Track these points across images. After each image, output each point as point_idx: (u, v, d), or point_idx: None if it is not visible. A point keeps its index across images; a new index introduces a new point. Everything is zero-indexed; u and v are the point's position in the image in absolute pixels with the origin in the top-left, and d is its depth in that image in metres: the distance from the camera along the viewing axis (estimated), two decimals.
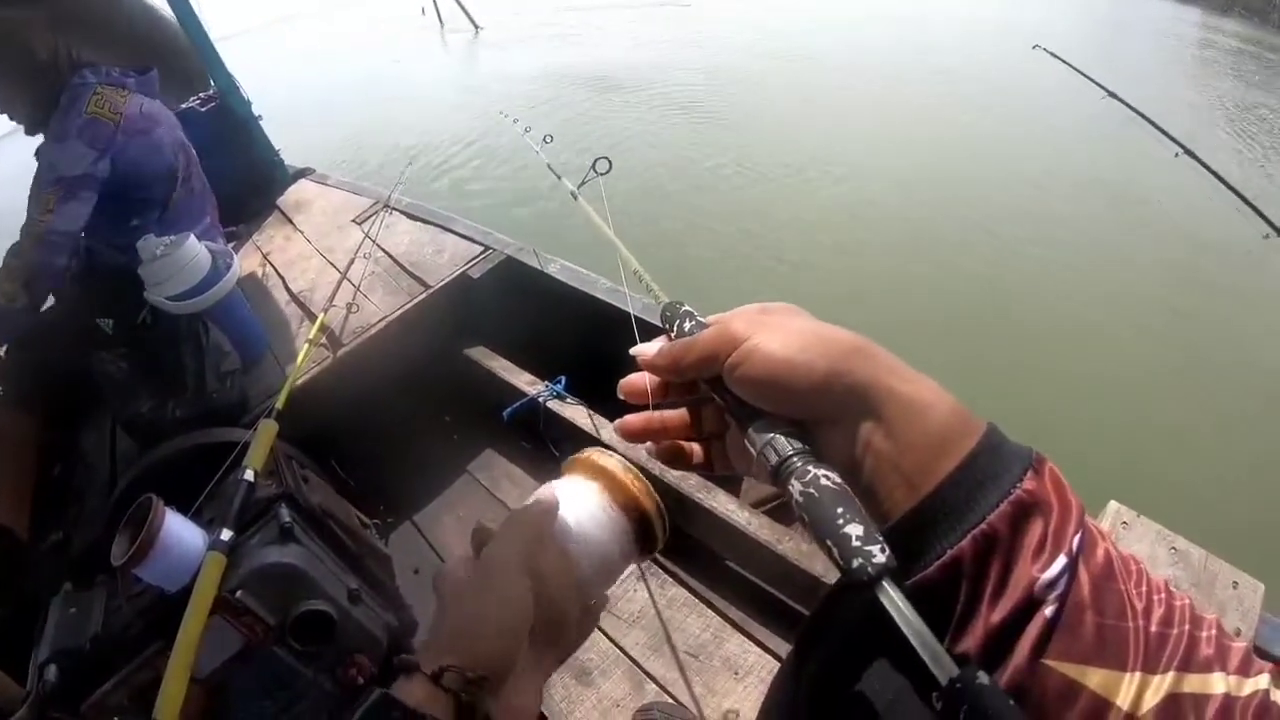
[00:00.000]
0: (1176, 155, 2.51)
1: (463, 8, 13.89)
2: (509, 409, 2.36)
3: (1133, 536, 1.19)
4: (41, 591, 1.69)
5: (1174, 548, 1.16)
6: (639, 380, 0.51)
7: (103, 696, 1.47)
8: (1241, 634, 1.05)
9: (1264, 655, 1.09)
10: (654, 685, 1.72)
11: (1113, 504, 1.26)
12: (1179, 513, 1.44)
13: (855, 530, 0.34)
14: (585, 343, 2.18)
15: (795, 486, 0.37)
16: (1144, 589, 0.34)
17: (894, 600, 0.32)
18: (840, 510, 0.35)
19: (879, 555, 0.33)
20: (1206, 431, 3.65)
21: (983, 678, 0.30)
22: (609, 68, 10.21)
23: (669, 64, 9.96)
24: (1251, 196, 2.31)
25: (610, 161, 0.78)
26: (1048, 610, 0.32)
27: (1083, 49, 9.48)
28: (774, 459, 0.39)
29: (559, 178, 0.94)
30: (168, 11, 3.20)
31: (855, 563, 0.33)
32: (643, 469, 0.59)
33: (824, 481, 0.36)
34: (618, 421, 0.53)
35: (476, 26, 13.94)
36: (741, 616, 1.83)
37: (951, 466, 0.36)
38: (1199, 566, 1.13)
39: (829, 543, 0.35)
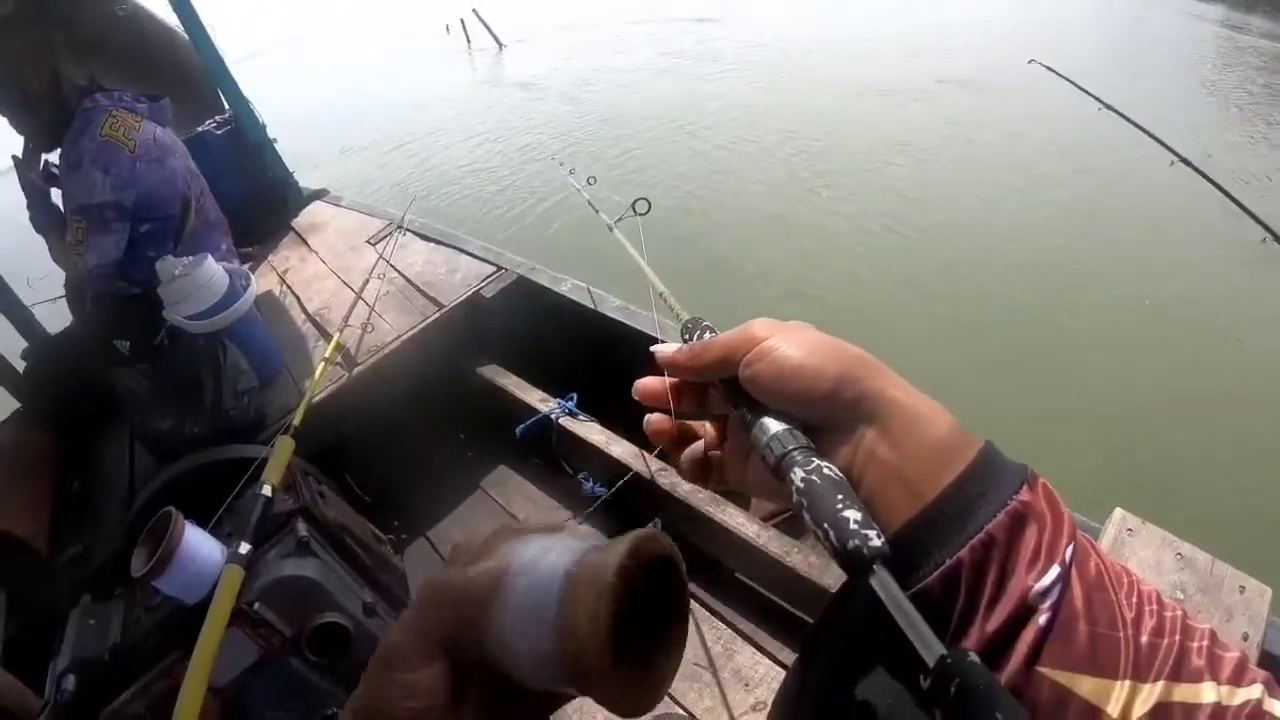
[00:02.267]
0: (1172, 164, 2.52)
1: (486, 25, 14.22)
2: (522, 426, 2.38)
3: (1138, 543, 1.19)
4: (60, 604, 1.71)
5: (1180, 553, 1.16)
6: (654, 384, 0.52)
7: (121, 705, 1.49)
8: (1249, 638, 1.05)
9: (1272, 659, 1.10)
10: (665, 696, 1.72)
11: (1118, 510, 1.26)
12: (1185, 518, 1.45)
13: (854, 515, 0.35)
14: (596, 360, 2.20)
15: (797, 474, 0.38)
16: (1135, 599, 0.35)
17: (886, 584, 0.33)
18: (840, 497, 0.36)
19: (875, 540, 0.34)
20: (1212, 436, 3.63)
21: (973, 657, 0.30)
22: (628, 80, 10.40)
23: (692, 80, 10.12)
24: (1253, 200, 2.32)
25: (649, 202, 0.82)
26: (1041, 619, 0.33)
27: (1098, 48, 9.53)
28: (779, 449, 0.40)
29: (596, 211, 0.98)
30: (184, 35, 3.27)
31: (851, 544, 0.34)
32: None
33: (826, 471, 0.38)
34: (646, 420, 0.53)
35: (500, 44, 14.25)
36: (752, 628, 1.83)
37: (952, 477, 0.37)
38: (1205, 572, 1.13)
39: (825, 525, 0.35)
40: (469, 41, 14.86)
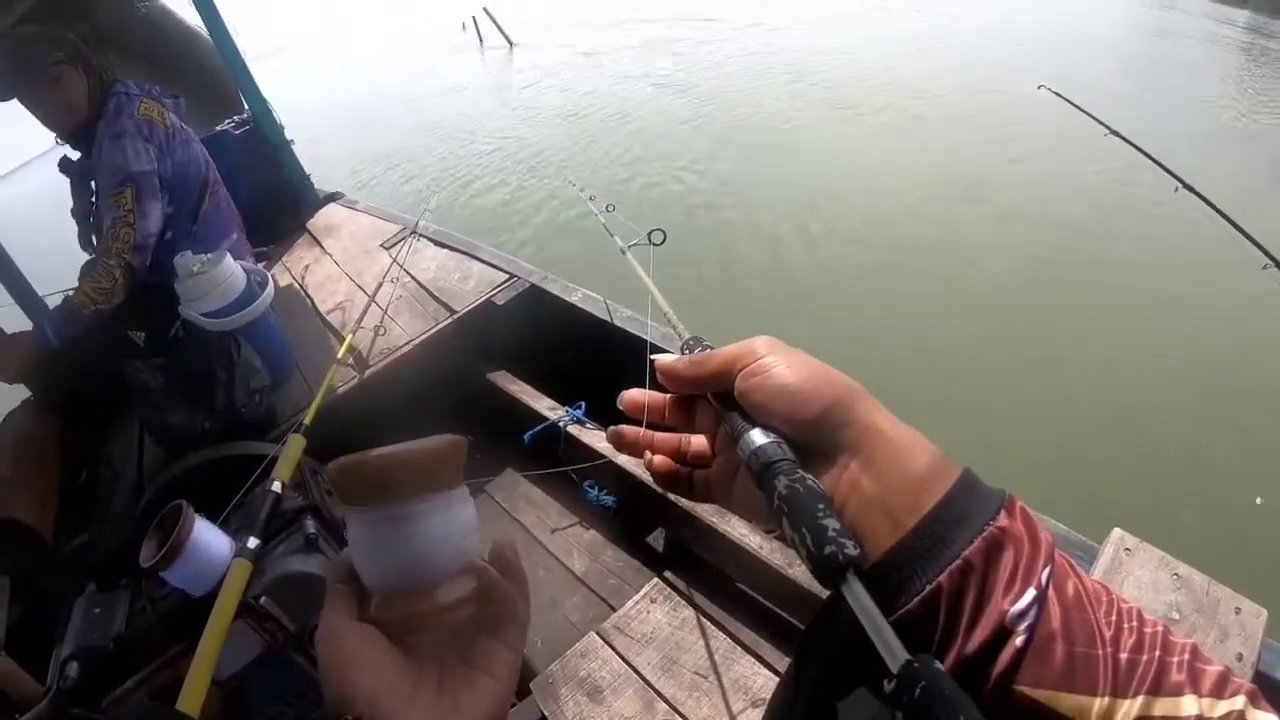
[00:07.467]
0: (1176, 190, 2.53)
1: (497, 25, 14.47)
2: (530, 432, 2.40)
3: (1136, 562, 1.20)
4: (64, 592, 1.73)
5: (1176, 574, 1.17)
6: (640, 396, 0.54)
7: (123, 694, 1.50)
8: (1244, 659, 1.06)
9: (1267, 681, 1.10)
10: (664, 705, 1.72)
11: (1116, 531, 1.27)
12: (1182, 539, 1.46)
13: (832, 524, 0.36)
14: (605, 370, 2.20)
15: (781, 482, 0.39)
16: (1114, 618, 0.36)
17: (857, 592, 0.34)
18: (821, 506, 0.37)
19: (851, 548, 0.35)
20: (1210, 458, 3.64)
21: (938, 665, 0.31)
22: (638, 83, 10.49)
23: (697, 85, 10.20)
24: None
25: (665, 234, 0.84)
26: (1018, 640, 0.34)
27: (1124, 61, 9.50)
28: (765, 458, 0.41)
29: (611, 235, 1.01)
30: (205, 34, 3.32)
31: (827, 549, 0.35)
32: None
33: (809, 482, 0.39)
34: (611, 429, 0.55)
35: (511, 43, 14.49)
36: (753, 639, 1.83)
37: (931, 505, 0.38)
38: (1201, 593, 1.14)
39: (804, 530, 0.37)
40: (481, 40, 15.08)
